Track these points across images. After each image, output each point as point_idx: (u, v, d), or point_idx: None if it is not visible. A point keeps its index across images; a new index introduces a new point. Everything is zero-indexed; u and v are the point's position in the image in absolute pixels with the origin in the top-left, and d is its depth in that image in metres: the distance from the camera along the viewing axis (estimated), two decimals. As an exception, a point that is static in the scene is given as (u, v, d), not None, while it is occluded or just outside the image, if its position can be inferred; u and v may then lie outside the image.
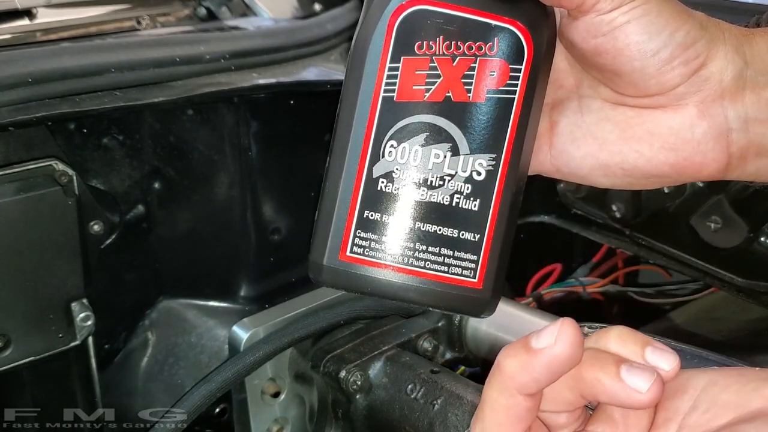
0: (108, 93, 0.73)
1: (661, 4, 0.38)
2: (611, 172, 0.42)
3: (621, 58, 0.39)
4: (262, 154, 0.88)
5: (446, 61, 0.39)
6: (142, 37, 0.88)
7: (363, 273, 0.41)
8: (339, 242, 0.41)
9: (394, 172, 0.40)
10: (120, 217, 0.84)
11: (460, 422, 0.68)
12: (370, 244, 0.41)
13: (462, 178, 0.40)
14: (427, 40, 0.39)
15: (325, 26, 0.96)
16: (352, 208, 0.40)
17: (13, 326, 0.72)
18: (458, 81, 0.39)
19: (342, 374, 0.77)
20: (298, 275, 0.94)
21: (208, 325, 0.91)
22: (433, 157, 0.40)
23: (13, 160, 0.72)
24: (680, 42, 0.38)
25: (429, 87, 0.39)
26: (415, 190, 0.40)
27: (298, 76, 0.86)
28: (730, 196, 0.77)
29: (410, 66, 0.39)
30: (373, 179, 0.40)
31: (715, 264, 0.79)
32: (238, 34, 0.91)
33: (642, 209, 0.85)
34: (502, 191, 0.41)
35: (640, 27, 0.38)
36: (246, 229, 0.90)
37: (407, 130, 0.39)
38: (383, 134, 0.40)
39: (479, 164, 0.40)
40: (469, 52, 0.39)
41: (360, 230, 0.40)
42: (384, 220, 0.40)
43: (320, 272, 0.43)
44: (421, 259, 0.41)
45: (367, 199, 0.40)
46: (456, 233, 0.41)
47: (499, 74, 0.39)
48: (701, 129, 0.40)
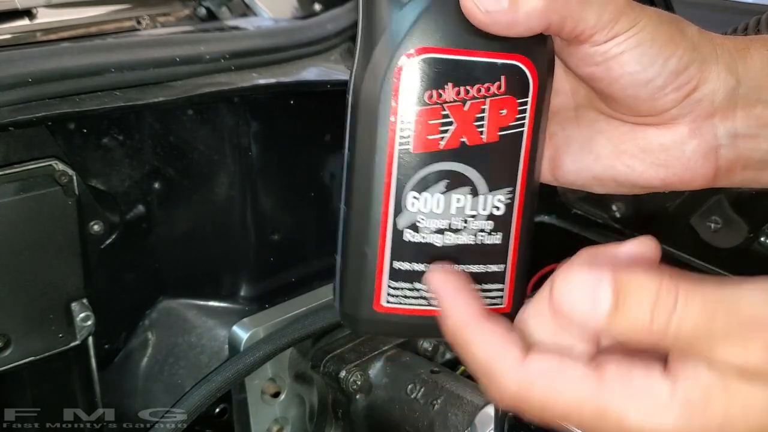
0: (108, 93, 0.72)
1: (655, 31, 0.38)
2: (605, 183, 0.44)
3: (615, 86, 0.40)
4: (262, 154, 0.88)
5: (458, 107, 0.39)
6: (142, 37, 0.88)
7: (399, 320, 0.42)
8: (372, 295, 0.41)
9: (418, 221, 0.40)
10: (120, 217, 0.84)
11: (460, 422, 0.68)
12: (403, 293, 0.41)
13: (483, 217, 0.41)
14: (437, 89, 0.39)
15: (325, 26, 0.96)
16: (380, 261, 0.41)
17: (13, 326, 0.72)
18: (471, 125, 0.39)
19: (342, 374, 0.77)
20: (298, 275, 0.94)
21: (208, 325, 0.91)
22: (454, 202, 0.40)
23: (13, 160, 0.72)
24: (673, 69, 0.38)
25: (444, 135, 0.39)
26: (441, 236, 0.41)
27: (298, 76, 0.86)
28: (729, 196, 0.77)
29: (423, 117, 0.39)
30: (398, 231, 0.40)
31: (715, 264, 0.79)
32: (238, 34, 0.91)
33: (642, 209, 0.85)
34: (520, 219, 0.42)
35: (633, 58, 0.38)
36: (246, 229, 0.90)
37: (427, 180, 0.40)
38: (404, 186, 0.40)
39: (498, 200, 0.41)
40: (478, 95, 0.39)
41: (392, 280, 0.41)
42: (414, 268, 0.41)
43: (356, 324, 0.43)
44: None
45: (395, 251, 0.41)
46: (483, 268, 0.42)
47: (508, 111, 0.40)
48: (691, 147, 0.41)
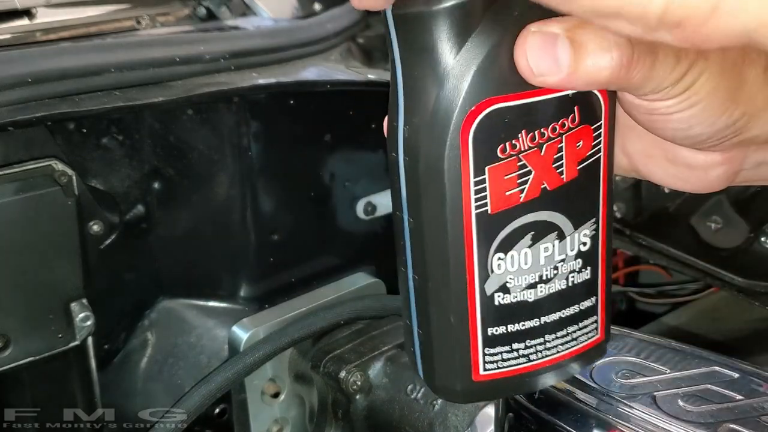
0: (108, 93, 0.72)
1: (713, 89, 0.35)
2: (624, 171, 0.43)
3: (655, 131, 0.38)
4: (262, 154, 0.88)
5: (534, 154, 0.35)
6: (141, 37, 0.87)
7: (499, 384, 0.39)
8: (468, 366, 0.38)
9: (507, 283, 0.37)
10: (119, 217, 0.84)
11: (460, 422, 0.68)
12: (501, 357, 0.39)
13: (572, 257, 0.38)
14: (510, 140, 0.35)
15: (325, 26, 0.96)
16: (473, 331, 0.38)
17: (13, 326, 0.72)
18: (550, 168, 0.36)
19: (342, 374, 0.77)
20: (298, 275, 0.94)
21: (208, 326, 0.91)
22: (542, 252, 0.37)
23: (12, 160, 0.72)
24: (719, 128, 0.36)
25: (523, 187, 0.35)
26: (533, 291, 0.38)
27: (298, 76, 0.86)
28: (730, 196, 0.77)
29: (498, 173, 0.35)
30: (487, 297, 0.37)
31: (716, 264, 0.79)
32: (237, 33, 0.91)
33: (642, 209, 0.85)
34: (605, 246, 0.39)
35: (682, 118, 0.35)
36: (246, 229, 0.90)
37: (511, 238, 0.36)
38: (486, 250, 0.36)
39: (584, 235, 0.38)
40: (554, 135, 0.35)
41: (488, 347, 0.38)
42: (509, 330, 0.38)
43: (455, 396, 0.41)
44: (553, 347, 0.39)
45: (487, 318, 0.38)
46: (577, 308, 0.39)
47: (584, 141, 0.36)
48: (717, 172, 0.40)
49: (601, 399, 0.46)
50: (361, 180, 0.96)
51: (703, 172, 0.40)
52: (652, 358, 0.49)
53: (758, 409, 0.44)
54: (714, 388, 0.47)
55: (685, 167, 0.40)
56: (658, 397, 0.46)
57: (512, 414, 0.48)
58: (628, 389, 0.46)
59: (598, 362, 0.49)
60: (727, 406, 0.45)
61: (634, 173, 0.43)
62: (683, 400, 0.45)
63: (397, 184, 0.37)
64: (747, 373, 0.48)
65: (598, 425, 0.45)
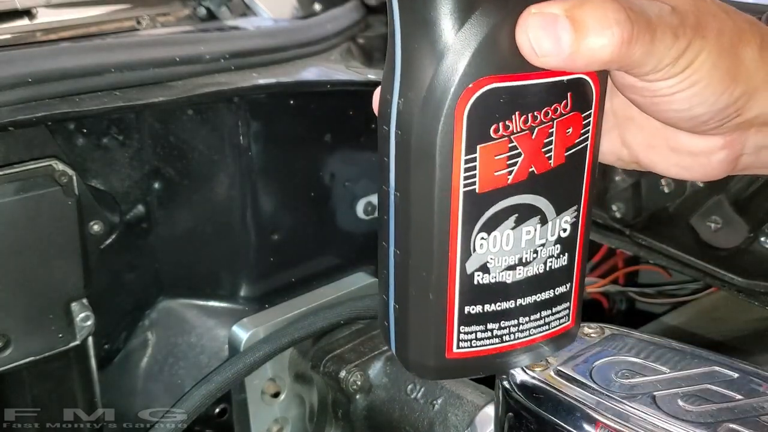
0: (108, 93, 0.72)
1: (713, 68, 0.35)
2: (627, 164, 0.43)
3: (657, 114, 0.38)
4: (262, 154, 0.88)
5: (525, 137, 0.35)
6: (142, 37, 0.88)
7: (471, 363, 0.40)
8: (443, 343, 0.39)
9: (488, 262, 0.37)
10: (120, 217, 0.84)
11: (460, 422, 0.68)
12: (476, 336, 0.39)
13: (552, 242, 0.38)
14: (503, 121, 0.34)
15: (325, 26, 0.96)
16: (450, 308, 0.38)
17: (13, 326, 0.72)
18: (539, 152, 0.36)
19: (342, 374, 0.77)
20: (298, 275, 0.94)
21: (208, 325, 0.91)
22: (524, 235, 0.37)
23: (13, 160, 0.72)
24: (721, 107, 0.36)
25: (511, 169, 0.36)
26: (512, 272, 0.38)
27: (298, 76, 0.86)
28: (730, 196, 0.77)
29: (489, 153, 0.35)
30: (467, 275, 0.37)
31: (716, 264, 0.79)
32: (238, 34, 0.91)
33: (642, 209, 0.85)
34: (583, 234, 0.40)
35: (684, 98, 0.36)
36: (246, 229, 0.90)
37: (495, 218, 0.36)
38: (471, 229, 0.36)
39: (565, 222, 0.38)
40: (546, 119, 0.35)
41: (463, 326, 0.38)
42: (486, 310, 0.38)
43: (427, 372, 0.41)
44: (526, 329, 0.40)
45: (465, 296, 0.38)
46: (552, 293, 0.40)
47: (574, 129, 0.37)
48: (719, 157, 0.40)
49: (601, 399, 0.46)
50: (361, 180, 0.96)
51: (705, 158, 0.40)
52: (652, 357, 0.49)
53: (758, 409, 0.44)
54: (714, 388, 0.47)
55: (687, 154, 0.40)
56: (657, 396, 0.46)
57: (512, 414, 0.48)
58: (627, 389, 0.46)
59: (597, 362, 0.49)
60: (727, 405, 0.45)
61: (635, 165, 0.43)
62: (683, 400, 0.45)
63: (387, 157, 0.37)
64: (747, 373, 0.48)
65: (597, 425, 0.45)
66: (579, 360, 0.48)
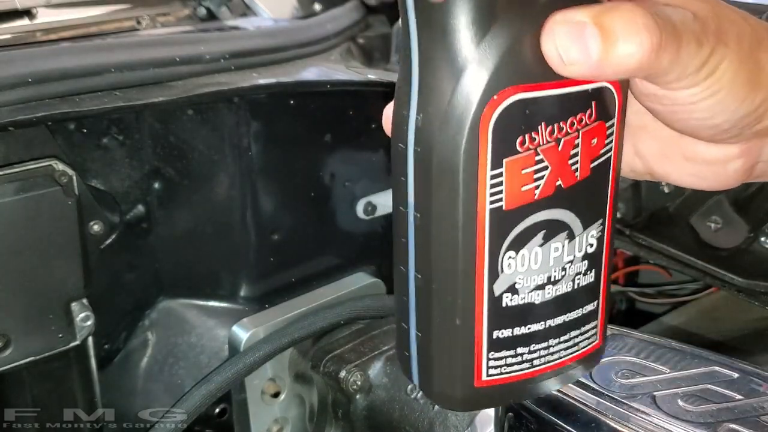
0: (108, 93, 0.72)
1: (735, 75, 0.34)
2: (639, 176, 0.42)
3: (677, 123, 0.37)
4: (262, 154, 0.88)
5: (552, 149, 0.34)
6: (142, 37, 0.88)
7: (501, 391, 0.38)
8: (471, 371, 0.37)
9: (516, 283, 0.36)
10: (120, 217, 0.84)
11: (460, 422, 0.68)
12: (505, 362, 0.37)
13: (579, 258, 0.37)
14: (529, 133, 0.33)
15: (325, 26, 0.96)
16: (478, 334, 0.36)
17: (13, 326, 0.72)
18: (566, 165, 0.35)
19: (342, 374, 0.77)
20: (298, 275, 0.94)
21: (208, 325, 0.91)
22: (552, 252, 0.36)
23: (13, 160, 0.72)
24: (742, 114, 0.36)
25: (538, 183, 0.34)
26: (541, 292, 0.36)
27: (298, 76, 0.86)
28: (730, 196, 0.77)
29: (515, 167, 0.33)
30: (496, 298, 0.36)
31: (716, 264, 0.79)
32: (238, 34, 0.91)
33: (642, 209, 0.85)
34: (609, 248, 0.38)
35: (706, 107, 0.35)
36: (246, 229, 0.90)
37: (523, 236, 0.35)
38: (498, 248, 0.35)
39: (591, 236, 0.37)
40: (572, 129, 0.34)
41: (492, 352, 0.37)
42: (515, 333, 0.37)
43: (454, 404, 0.39)
44: (556, 352, 0.38)
45: (493, 320, 0.36)
46: (581, 312, 0.38)
47: (598, 139, 0.35)
48: (735, 166, 0.39)
49: (601, 399, 0.46)
50: (361, 180, 0.96)
51: (722, 167, 0.39)
52: (652, 357, 0.49)
53: (758, 408, 0.44)
54: (714, 388, 0.47)
55: (702, 163, 0.40)
56: (657, 396, 0.46)
57: (512, 414, 0.48)
58: (627, 389, 0.46)
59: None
60: (727, 405, 0.45)
61: (649, 176, 0.42)
62: (683, 400, 0.45)
63: (404, 177, 0.36)
64: (747, 373, 0.48)
65: (597, 425, 0.45)
66: (579, 360, 0.48)
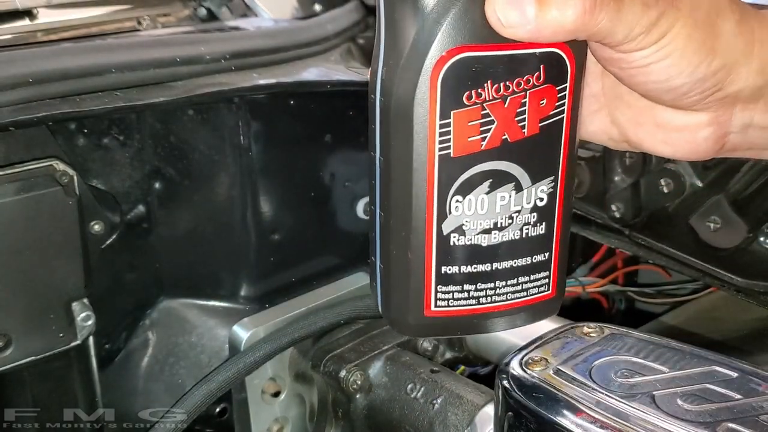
0: (108, 93, 0.73)
1: (687, 38, 0.36)
2: (615, 143, 0.45)
3: (638, 87, 0.39)
4: (262, 154, 0.88)
5: (498, 105, 0.37)
6: (142, 38, 0.88)
7: (448, 322, 0.41)
8: (421, 301, 0.41)
9: (463, 225, 0.39)
10: (120, 217, 0.84)
11: (460, 422, 0.68)
12: (452, 296, 0.41)
13: (528, 210, 0.40)
14: (476, 89, 0.37)
15: (325, 26, 0.96)
16: (428, 268, 0.40)
17: (14, 326, 0.72)
18: (512, 121, 0.38)
19: (342, 374, 0.77)
20: (298, 275, 0.94)
21: (209, 325, 0.92)
22: (499, 200, 0.39)
23: (13, 160, 0.72)
24: (699, 78, 0.37)
25: (485, 135, 0.38)
26: (487, 236, 0.40)
27: (298, 76, 0.87)
28: (729, 195, 0.77)
29: (462, 119, 0.37)
30: (444, 236, 0.39)
31: (715, 264, 0.79)
32: (238, 34, 0.91)
33: (641, 209, 0.85)
34: (562, 206, 0.41)
35: (660, 69, 0.37)
36: (246, 229, 0.90)
37: (470, 182, 0.39)
38: (446, 191, 0.39)
39: (541, 191, 0.40)
40: (518, 89, 0.37)
41: (440, 285, 0.40)
42: (462, 271, 0.40)
43: (406, 329, 0.43)
44: (503, 293, 0.41)
45: (441, 256, 0.40)
46: (529, 260, 0.41)
47: (548, 101, 0.38)
48: (705, 133, 0.41)
49: (600, 398, 0.46)
50: (361, 180, 0.96)
51: (691, 135, 0.41)
52: (651, 357, 0.50)
53: (757, 408, 0.45)
54: (713, 388, 0.47)
55: (673, 130, 0.41)
56: (657, 396, 0.46)
57: (512, 413, 0.49)
58: (627, 388, 0.46)
59: (597, 362, 0.49)
60: (726, 405, 0.45)
61: (625, 143, 0.44)
62: (682, 400, 0.46)
63: (373, 124, 0.40)
64: (746, 373, 0.48)
65: (597, 425, 0.45)
66: (578, 359, 0.49)
